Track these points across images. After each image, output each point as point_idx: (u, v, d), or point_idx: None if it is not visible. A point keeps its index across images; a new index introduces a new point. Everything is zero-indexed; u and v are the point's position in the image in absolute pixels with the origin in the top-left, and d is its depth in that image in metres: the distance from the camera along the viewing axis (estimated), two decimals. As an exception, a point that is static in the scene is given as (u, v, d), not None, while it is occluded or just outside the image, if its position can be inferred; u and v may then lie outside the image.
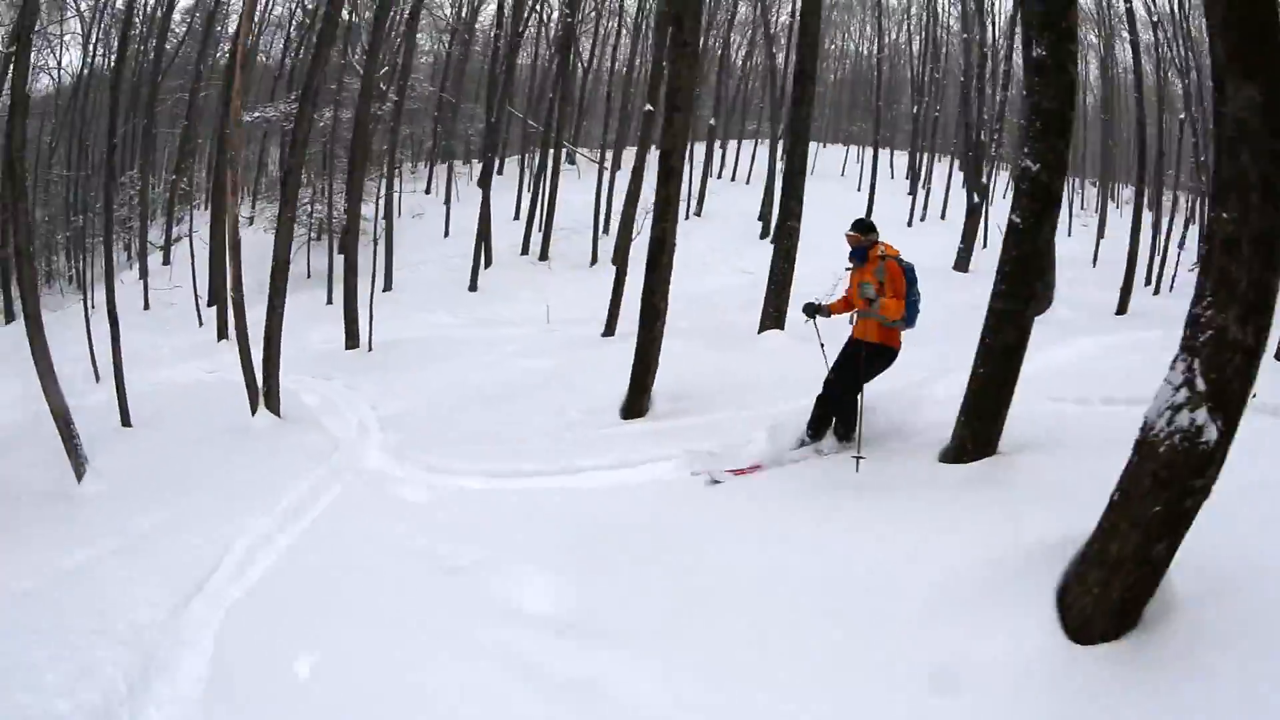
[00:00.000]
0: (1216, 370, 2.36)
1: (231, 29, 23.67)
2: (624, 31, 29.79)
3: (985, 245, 21.07)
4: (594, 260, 20.96)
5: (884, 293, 5.02)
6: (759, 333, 9.69)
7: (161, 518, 5.32)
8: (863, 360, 5.22)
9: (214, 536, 4.76)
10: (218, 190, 15.83)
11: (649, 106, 13.30)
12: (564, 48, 20.41)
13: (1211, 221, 2.42)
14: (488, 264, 19.62)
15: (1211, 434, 2.37)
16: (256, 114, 18.31)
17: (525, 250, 21.56)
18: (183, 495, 5.82)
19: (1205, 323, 2.37)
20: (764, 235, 23.40)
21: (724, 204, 23.05)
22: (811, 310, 5.68)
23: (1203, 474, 2.42)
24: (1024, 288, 4.36)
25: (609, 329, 13.15)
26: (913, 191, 27.74)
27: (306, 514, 5.24)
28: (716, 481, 5.01)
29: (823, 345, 5.85)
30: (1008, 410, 4.50)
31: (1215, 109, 2.37)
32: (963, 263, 19.02)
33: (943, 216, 25.78)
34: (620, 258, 12.57)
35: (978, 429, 4.47)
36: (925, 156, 29.12)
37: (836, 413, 5.43)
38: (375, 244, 17.02)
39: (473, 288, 18.65)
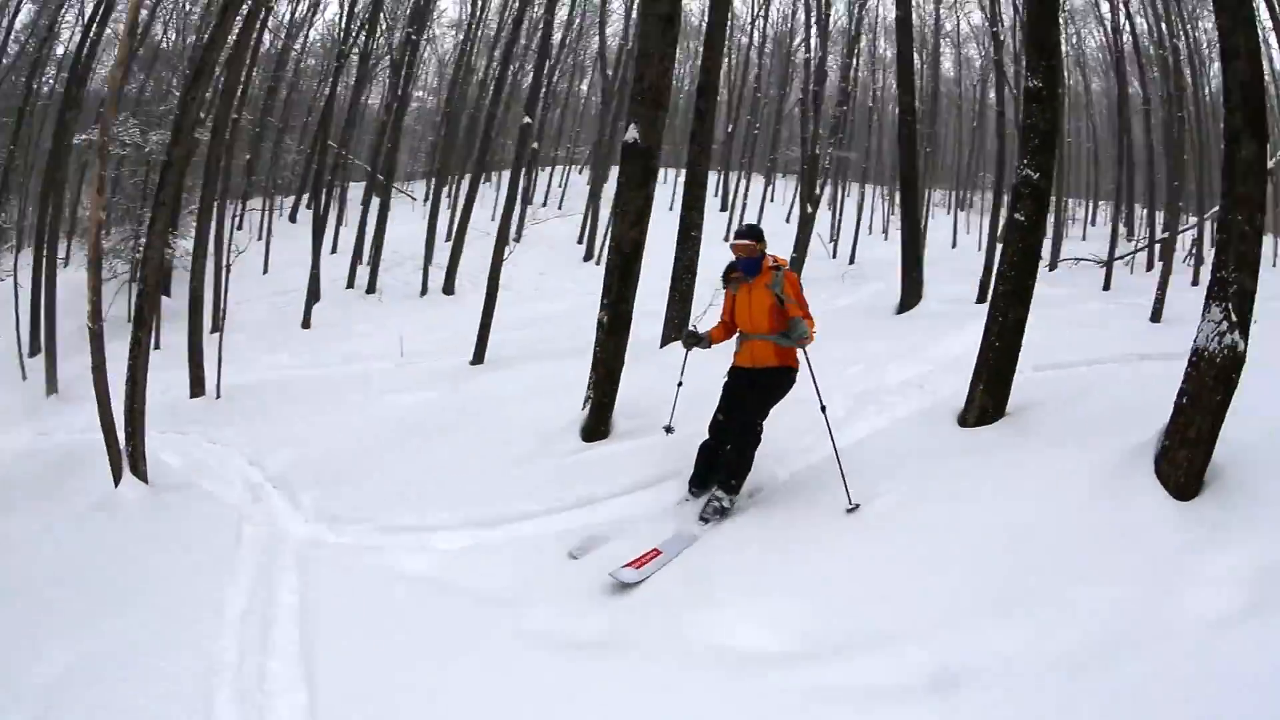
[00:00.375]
0: (1240, 311, 3.61)
1: (60, 51, 20.66)
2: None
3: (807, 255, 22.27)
4: (424, 291, 20.12)
5: (795, 312, 4.49)
6: (661, 346, 9.36)
7: (61, 664, 3.94)
8: (762, 390, 4.62)
9: (163, 689, 3.53)
10: (42, 223, 13.50)
11: (527, 119, 12.70)
12: (398, 70, 19.05)
13: (1227, 225, 3.67)
14: (316, 300, 17.89)
15: (1241, 348, 3.61)
16: (84, 136, 15.07)
17: (351, 284, 20.06)
18: (76, 621, 4.39)
19: (1232, 281, 3.62)
20: (588, 258, 24.08)
21: (540, 229, 22.83)
22: (692, 340, 5.02)
23: (1239, 373, 3.63)
24: (1028, 272, 5.22)
25: (478, 357, 12.38)
26: (725, 208, 28.98)
27: (278, 620, 4.13)
28: (627, 584, 3.91)
29: (681, 384, 5.48)
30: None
31: (1227, 157, 3.64)
32: (796, 270, 20.05)
33: (758, 230, 27.06)
34: (491, 282, 11.85)
35: (996, 393, 5.19)
36: (738, 174, 30.54)
37: (732, 458, 4.55)
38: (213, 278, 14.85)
39: (305, 324, 16.98)
